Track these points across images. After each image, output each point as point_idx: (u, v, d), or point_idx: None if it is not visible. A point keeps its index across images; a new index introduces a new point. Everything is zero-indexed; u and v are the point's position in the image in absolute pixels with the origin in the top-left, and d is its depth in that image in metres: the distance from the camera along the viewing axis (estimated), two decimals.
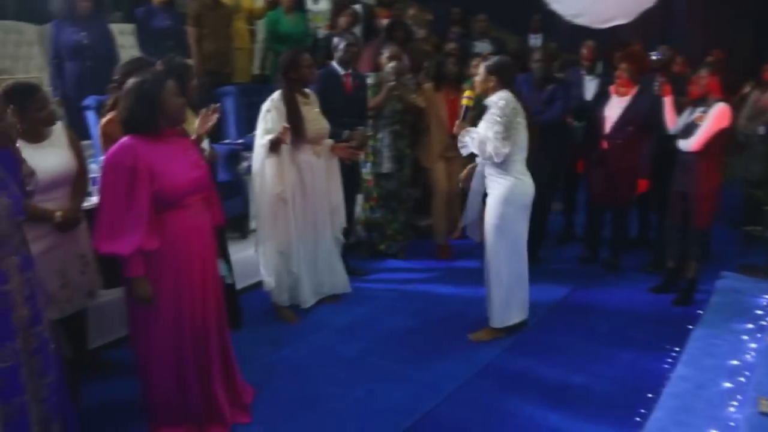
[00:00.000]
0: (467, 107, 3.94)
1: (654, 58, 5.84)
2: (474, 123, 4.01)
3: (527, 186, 3.99)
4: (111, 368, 3.78)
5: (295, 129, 4.13)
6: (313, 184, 4.33)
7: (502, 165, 3.89)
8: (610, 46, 6.24)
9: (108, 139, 3.39)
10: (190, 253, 2.93)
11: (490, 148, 3.79)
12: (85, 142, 4.21)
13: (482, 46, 7.21)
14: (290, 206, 4.25)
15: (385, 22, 6.83)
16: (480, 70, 3.98)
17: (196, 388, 3.05)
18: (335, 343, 4.12)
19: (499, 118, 3.79)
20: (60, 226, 3.24)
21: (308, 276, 4.47)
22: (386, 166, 5.31)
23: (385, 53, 5.30)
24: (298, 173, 4.27)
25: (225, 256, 3.95)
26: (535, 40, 8.20)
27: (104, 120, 3.60)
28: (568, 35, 7.16)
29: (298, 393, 3.54)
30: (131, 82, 2.86)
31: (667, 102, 4.72)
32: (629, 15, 6.02)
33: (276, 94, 4.25)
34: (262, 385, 3.53)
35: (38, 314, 2.50)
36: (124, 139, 2.83)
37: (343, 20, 6.34)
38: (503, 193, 3.92)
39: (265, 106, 4.23)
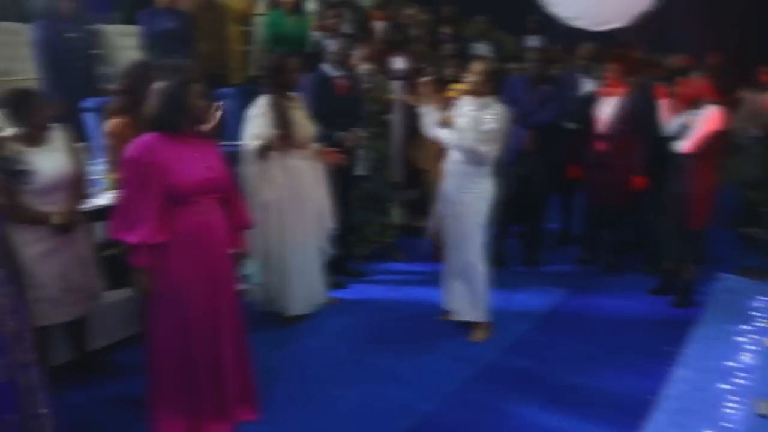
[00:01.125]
0: (455, 100, 4.01)
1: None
2: None
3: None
4: (112, 370, 3.79)
5: (283, 134, 4.14)
6: (300, 189, 4.31)
7: (485, 166, 3.99)
8: (608, 49, 6.26)
9: (119, 140, 3.41)
10: (198, 250, 2.98)
11: (483, 149, 3.87)
12: (84, 144, 4.22)
13: (481, 48, 7.22)
14: (278, 212, 4.24)
15: (379, 23, 6.84)
16: (478, 70, 3.99)
17: (203, 384, 3.08)
18: (335, 345, 4.14)
19: (495, 123, 3.88)
20: (59, 229, 3.26)
21: (296, 283, 4.40)
22: (361, 168, 5.28)
23: (357, 54, 5.26)
24: (286, 178, 4.25)
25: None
26: (533, 42, 8.21)
27: (113, 122, 3.60)
28: (566, 37, 7.18)
29: (299, 394, 3.56)
30: (159, 83, 2.92)
31: (663, 104, 4.74)
32: (626, 18, 6.05)
33: (263, 99, 4.25)
34: (264, 385, 3.54)
35: (25, 328, 2.46)
36: (145, 136, 2.92)
37: (330, 21, 6.33)
38: (487, 192, 4.06)
39: (252, 110, 4.23)
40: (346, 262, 5.26)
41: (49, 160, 3.21)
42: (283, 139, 4.12)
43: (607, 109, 5.08)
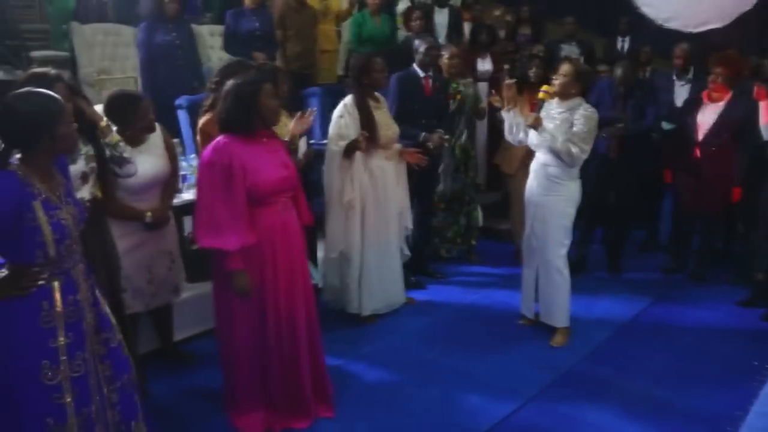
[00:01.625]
0: (544, 102, 3.92)
1: None
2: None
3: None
4: (194, 360, 3.91)
5: (369, 134, 4.18)
6: (384, 189, 4.34)
7: (573, 168, 3.96)
8: (704, 51, 6.04)
9: (206, 137, 3.54)
10: (275, 249, 3.03)
11: (575, 151, 3.81)
12: (175, 140, 4.38)
13: (569, 49, 7.09)
14: (359, 212, 4.28)
15: (467, 24, 6.82)
16: (567, 71, 3.93)
17: (278, 379, 3.15)
18: (412, 345, 4.16)
19: (585, 126, 3.84)
20: (149, 226, 3.38)
21: (373, 283, 4.40)
22: (444, 170, 5.28)
23: (445, 54, 5.23)
24: (369, 179, 4.28)
25: (312, 257, 4.03)
26: (623, 43, 8.02)
27: (203, 120, 3.74)
28: (657, 38, 6.97)
29: (375, 392, 3.60)
30: (230, 83, 3.00)
31: (763, 106, 4.54)
32: (725, 18, 5.82)
33: (348, 99, 4.27)
34: (340, 383, 3.59)
35: (104, 320, 2.51)
36: (219, 138, 2.98)
37: (415, 24, 6.35)
38: (573, 195, 4.03)
39: (337, 111, 4.26)
40: (426, 263, 5.27)
41: (147, 161, 3.33)
42: (367, 140, 4.16)
43: (708, 116, 4.88)
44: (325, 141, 4.42)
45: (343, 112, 4.23)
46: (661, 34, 6.47)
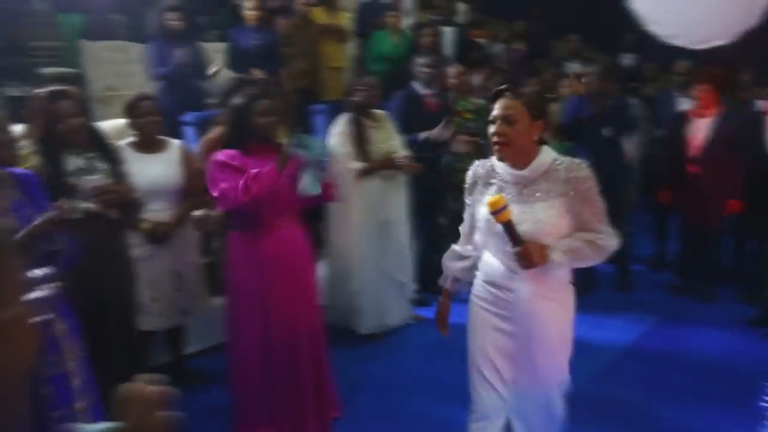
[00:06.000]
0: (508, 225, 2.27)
1: None
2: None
3: None
4: (201, 377, 3.90)
5: (360, 152, 4.21)
6: (381, 207, 4.36)
7: None
8: (704, 67, 6.06)
9: (209, 154, 3.54)
10: (279, 266, 3.05)
11: (607, 242, 2.37)
12: None
13: (573, 67, 7.12)
14: (358, 231, 4.29)
15: (482, 41, 6.84)
16: (512, 112, 2.32)
17: (282, 396, 3.15)
18: (421, 362, 4.14)
19: (592, 192, 2.35)
20: (147, 238, 3.36)
21: (370, 303, 4.41)
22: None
23: (451, 73, 5.25)
24: (367, 198, 4.32)
25: None
26: (628, 60, 8.04)
27: (206, 137, 3.76)
28: (661, 55, 6.99)
29: (382, 410, 3.58)
30: (231, 101, 3.02)
31: None
32: (730, 35, 5.82)
33: (343, 117, 4.34)
34: (348, 399, 3.58)
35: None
36: (221, 151, 3.02)
37: (425, 40, 6.38)
38: (572, 292, 2.59)
39: (333, 128, 4.32)
40: (434, 280, 5.25)
41: (155, 167, 3.37)
42: (359, 157, 4.19)
43: (699, 131, 4.89)
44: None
45: (338, 129, 4.30)
46: (666, 51, 6.48)
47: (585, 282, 5.05)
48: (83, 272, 2.77)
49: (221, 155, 2.97)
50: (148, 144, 3.41)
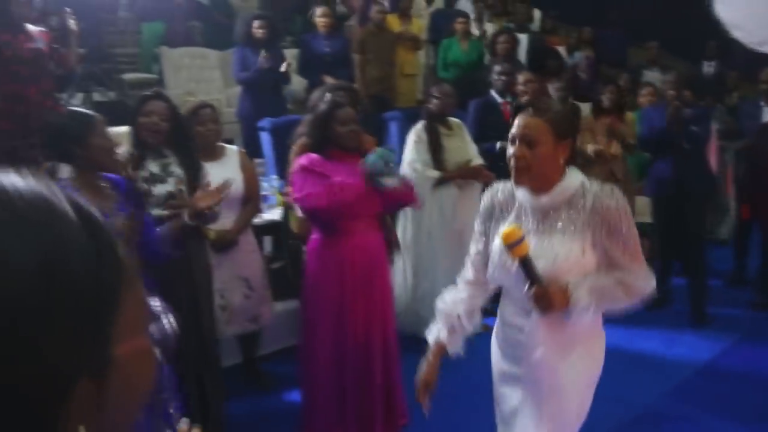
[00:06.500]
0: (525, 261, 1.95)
1: None
2: None
3: None
4: (272, 381, 3.92)
5: (435, 160, 4.21)
6: (454, 217, 4.34)
7: None
8: None
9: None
10: (357, 270, 3.07)
11: (646, 285, 2.06)
12: (258, 161, 4.49)
13: (652, 75, 6.93)
14: (430, 238, 4.29)
15: (560, 49, 6.76)
16: (533, 132, 2.01)
17: (352, 401, 3.16)
18: (488, 372, 4.08)
19: (627, 225, 2.01)
20: (213, 246, 3.37)
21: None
22: None
23: (520, 79, 5.18)
24: (440, 205, 4.32)
25: None
26: (709, 68, 7.79)
27: (298, 143, 3.78)
28: (745, 63, 6.75)
29: (448, 418, 3.55)
30: (314, 108, 3.09)
31: None
32: None
33: (419, 125, 4.35)
34: (416, 406, 3.57)
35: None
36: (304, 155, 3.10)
37: (501, 47, 6.34)
38: (601, 346, 2.29)
39: (409, 137, 4.34)
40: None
41: (219, 175, 3.39)
42: (434, 166, 4.19)
43: None
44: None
45: (414, 138, 4.31)
46: (751, 58, 6.25)
47: (659, 296, 4.90)
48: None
49: (304, 160, 3.04)
50: (208, 152, 3.42)
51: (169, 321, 2.07)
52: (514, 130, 2.03)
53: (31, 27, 3.94)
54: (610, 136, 4.98)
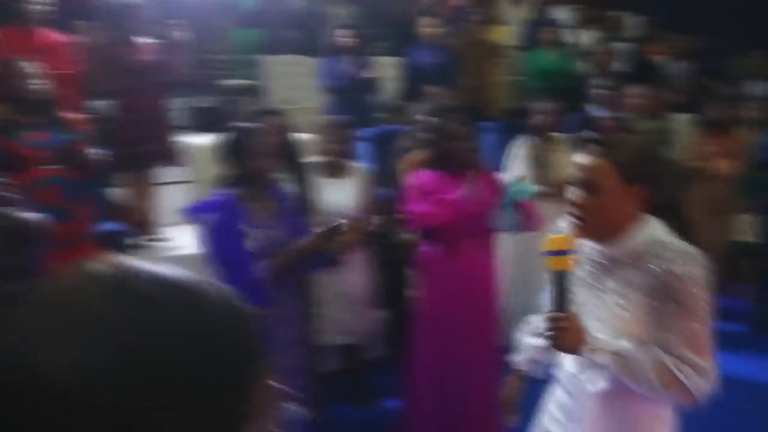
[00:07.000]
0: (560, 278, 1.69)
1: None
2: None
3: None
4: (370, 389, 3.93)
5: (539, 176, 4.16)
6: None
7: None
8: None
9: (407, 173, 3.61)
10: (463, 286, 3.10)
11: (697, 384, 1.59)
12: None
13: (757, 87, 6.63)
14: (536, 251, 4.20)
15: (657, 58, 6.58)
16: (593, 173, 1.76)
17: (451, 414, 3.16)
18: None
19: (694, 303, 1.61)
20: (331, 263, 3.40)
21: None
22: None
23: (631, 94, 5.04)
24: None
25: None
26: None
27: (408, 157, 3.79)
28: None
29: None
30: (431, 124, 3.14)
31: None
32: None
33: (522, 140, 4.33)
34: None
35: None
36: (417, 172, 3.14)
37: (599, 58, 6.21)
38: None
39: (512, 151, 4.33)
40: None
41: (341, 191, 3.46)
42: (538, 182, 4.14)
43: None
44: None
45: (517, 153, 4.30)
46: None
47: (764, 323, 4.69)
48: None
49: (415, 177, 3.08)
50: (337, 169, 3.48)
51: (295, 408, 2.21)
52: (573, 170, 1.75)
53: (141, 39, 4.14)
54: (718, 153, 4.81)
